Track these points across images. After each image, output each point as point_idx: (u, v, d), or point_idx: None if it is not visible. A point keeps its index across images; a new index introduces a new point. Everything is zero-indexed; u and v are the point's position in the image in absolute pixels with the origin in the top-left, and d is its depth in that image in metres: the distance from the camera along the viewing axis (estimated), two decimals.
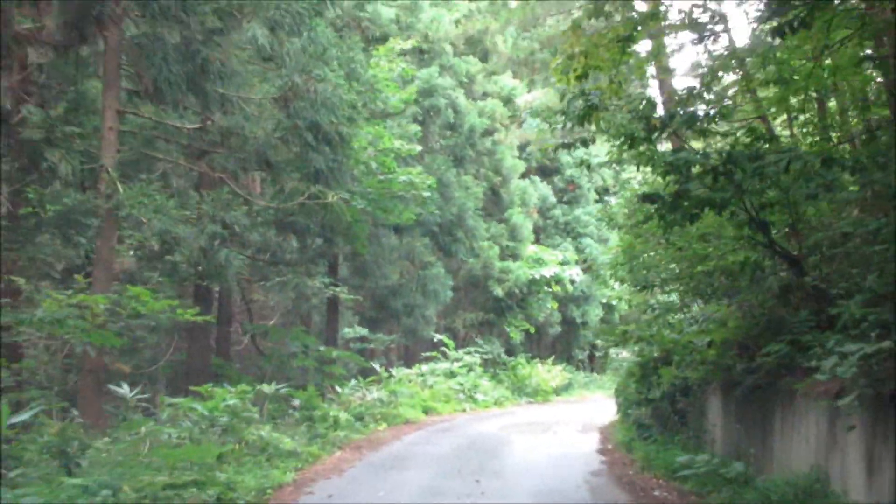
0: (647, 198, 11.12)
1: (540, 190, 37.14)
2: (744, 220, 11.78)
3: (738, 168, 10.61)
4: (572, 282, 34.35)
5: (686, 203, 10.74)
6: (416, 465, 14.53)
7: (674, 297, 20.67)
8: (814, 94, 13.31)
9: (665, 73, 16.35)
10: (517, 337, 35.14)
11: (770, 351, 10.36)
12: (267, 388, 16.04)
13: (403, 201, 19.02)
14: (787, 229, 12.40)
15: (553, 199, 38.49)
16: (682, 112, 11.18)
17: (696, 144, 13.74)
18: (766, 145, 11.33)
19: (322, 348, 20.02)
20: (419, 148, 19.19)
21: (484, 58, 33.13)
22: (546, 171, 38.98)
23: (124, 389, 11.80)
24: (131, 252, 18.92)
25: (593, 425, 23.07)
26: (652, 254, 18.64)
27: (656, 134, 11.50)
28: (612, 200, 42.36)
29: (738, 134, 12.15)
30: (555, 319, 37.50)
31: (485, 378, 30.75)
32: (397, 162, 19.26)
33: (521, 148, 36.51)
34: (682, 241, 15.86)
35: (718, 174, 10.87)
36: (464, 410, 27.06)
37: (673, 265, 17.83)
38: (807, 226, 12.24)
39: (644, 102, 11.25)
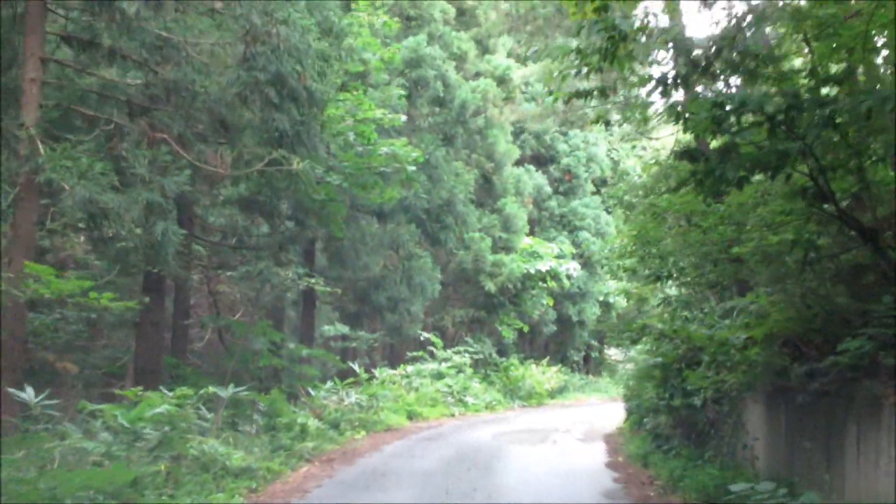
0: (685, 155, 8.82)
1: (535, 179, 34.82)
2: (799, 185, 9.51)
3: (802, 116, 8.36)
4: (569, 277, 32.06)
5: (734, 161, 8.47)
6: (396, 483, 12.20)
7: (683, 290, 18.54)
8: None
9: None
10: (510, 336, 32.85)
11: (847, 348, 8.08)
12: (223, 392, 13.68)
13: (385, 178, 16.67)
14: (849, 199, 10.15)
15: (548, 190, 36.19)
16: (731, 46, 8.86)
17: None
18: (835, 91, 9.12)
19: (292, 346, 17.65)
20: (404, 118, 16.83)
21: (476, 37, 30.83)
22: (541, 160, 36.68)
23: (27, 394, 9.43)
24: (82, 238, 16.57)
25: (596, 433, 20.79)
26: (668, 241, 16.38)
27: (696, 75, 9.24)
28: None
29: (797, 78, 9.81)
30: (549, 318, 35.21)
31: (475, 380, 28.46)
32: (379, 134, 16.92)
33: (516, 135, 34.23)
34: (710, 220, 13.60)
35: (777, 124, 8.62)
36: (452, 415, 24.75)
37: (693, 251, 15.61)
38: (875, 195, 9.97)
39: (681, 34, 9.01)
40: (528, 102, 36.15)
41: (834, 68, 10.28)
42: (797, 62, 12.43)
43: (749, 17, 9.13)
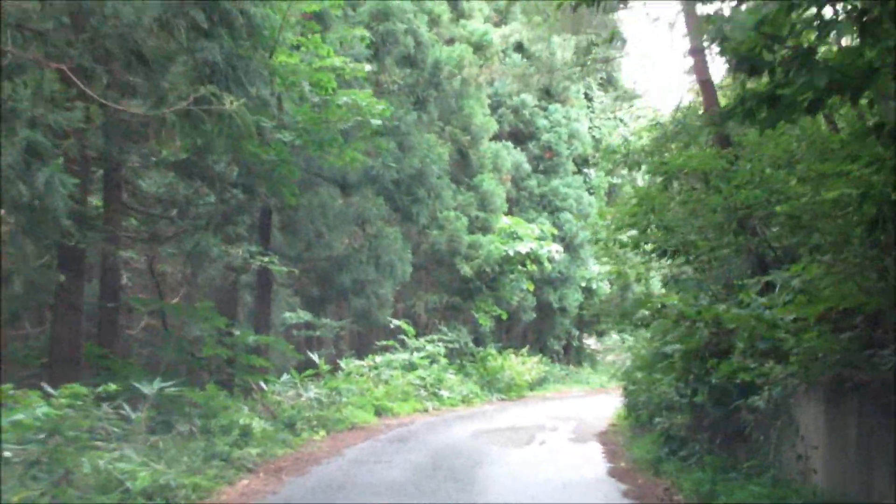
0: (744, 64, 6.45)
1: (513, 156, 32.44)
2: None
3: None
4: (551, 260, 29.75)
5: (817, 69, 6.14)
6: (355, 500, 9.83)
7: (689, 267, 16.37)
8: None
9: None
10: (487, 324, 30.53)
11: None
12: (146, 388, 11.23)
13: (346, 137, 14.21)
14: None
15: (527, 168, 33.83)
16: None
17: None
18: None
19: (238, 332, 15.19)
20: (369, 67, 14.38)
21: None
22: (519, 137, 34.29)
23: None
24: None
25: (588, 431, 18.52)
26: (678, 208, 14.09)
27: None
28: (592, 173, 37.90)
29: None
30: (529, 304, 32.91)
31: (450, 371, 26.12)
32: (340, 86, 14.42)
33: (493, 108, 31.85)
34: (738, 178, 11.36)
35: (867, 27, 6.37)
36: (425, 410, 22.39)
37: (708, 221, 13.38)
38: None
39: None
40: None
41: None
42: None
43: None
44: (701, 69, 14.71)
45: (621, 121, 40.71)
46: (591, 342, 55.33)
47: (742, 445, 10.35)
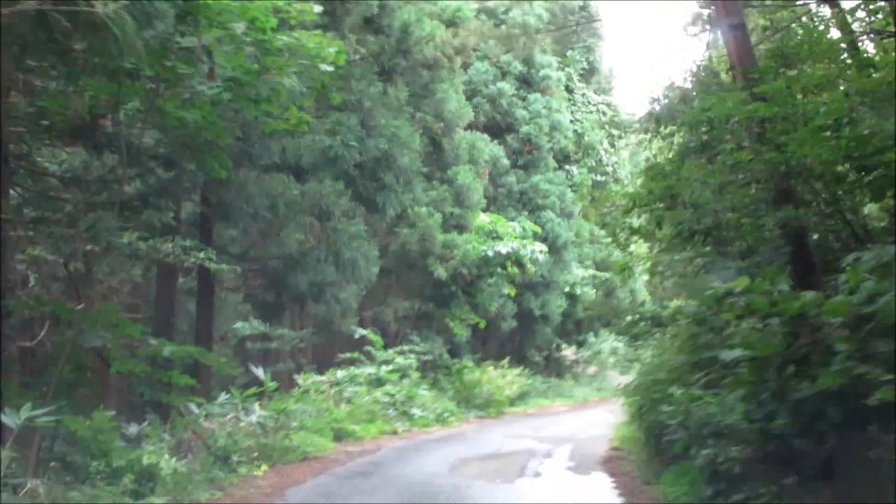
0: None
1: (491, 150, 29.55)
2: None
3: None
4: (534, 261, 26.84)
5: None
6: None
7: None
8: None
9: None
10: (463, 333, 27.58)
11: None
12: (7, 418, 8.16)
13: (292, 94, 11.20)
14: None
15: (506, 163, 31.00)
16: None
17: None
18: None
19: (154, 342, 12.08)
20: (319, 8, 11.38)
21: None
22: (496, 129, 31.42)
23: None
24: None
25: (587, 456, 15.59)
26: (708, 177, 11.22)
27: None
28: (574, 170, 35.09)
29: None
30: (508, 312, 30.01)
31: (423, 386, 23.11)
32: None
33: (468, 97, 28.97)
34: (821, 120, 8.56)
35: None
36: (394, 432, 19.39)
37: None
38: None
39: None
40: (481, 61, 31.07)
41: None
42: None
43: None
44: (732, 9, 11.90)
45: (604, 114, 38.03)
46: (568, 353, 52.57)
47: (827, 487, 7.46)
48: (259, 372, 14.45)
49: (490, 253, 25.18)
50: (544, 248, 26.71)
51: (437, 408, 22.77)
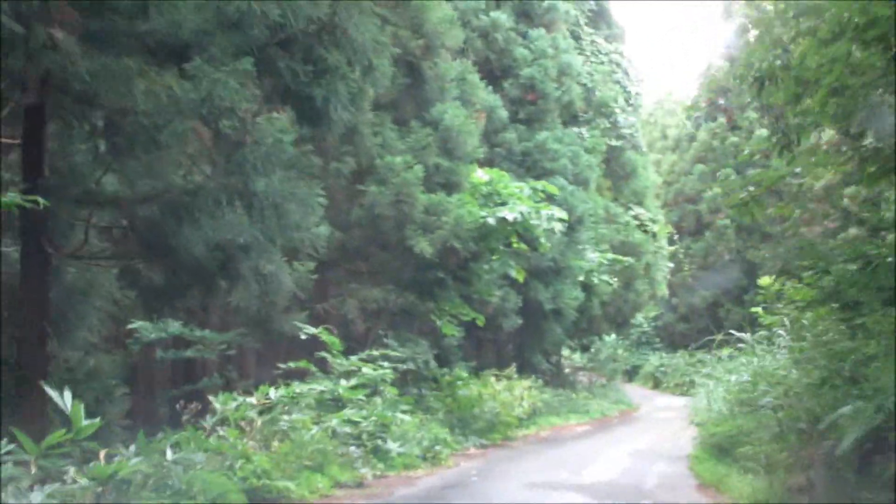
0: None
1: (485, 97, 22.57)
2: None
3: None
4: (550, 234, 19.88)
5: None
6: None
7: None
8: None
9: None
10: (453, 334, 20.69)
11: None
12: None
13: None
14: None
15: (504, 114, 24.09)
16: None
17: None
18: None
19: None
20: None
21: None
22: (491, 72, 24.46)
23: None
24: None
25: None
26: None
27: None
28: (584, 133, 28.19)
29: None
30: (511, 305, 23.15)
31: (403, 407, 16.15)
32: None
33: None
34: None
35: None
36: (359, 484, 12.46)
37: None
38: None
39: None
40: None
41: None
42: None
43: None
44: None
45: (617, 65, 31.26)
46: (569, 361, 45.96)
47: None
48: (62, 401, 7.31)
49: (491, 220, 18.23)
50: (564, 214, 19.68)
51: (423, 438, 15.86)
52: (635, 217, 30.25)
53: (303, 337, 15.20)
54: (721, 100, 40.47)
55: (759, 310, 17.85)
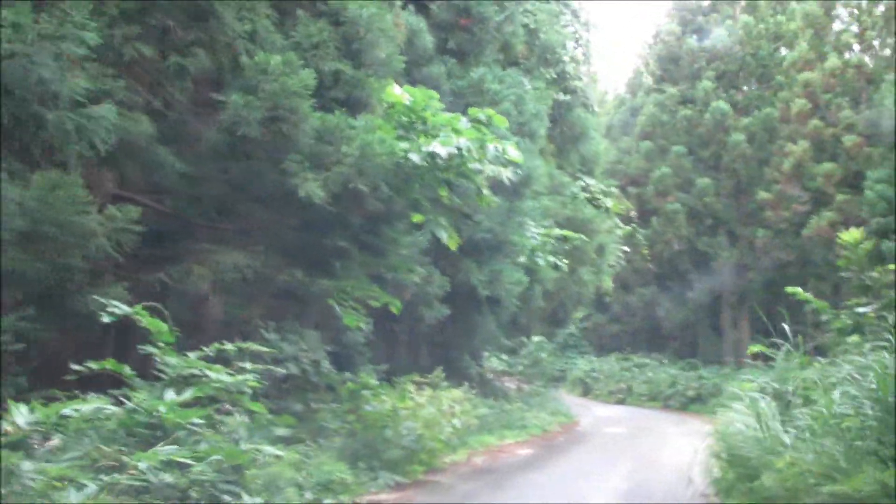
0: None
1: (404, 18, 16.78)
2: None
3: None
4: (495, 181, 14.06)
5: None
6: None
7: None
8: None
9: None
10: (358, 326, 15.01)
11: None
12: None
13: None
14: None
15: (429, 42, 18.33)
16: None
17: None
18: None
19: None
20: None
21: None
22: None
23: None
24: None
25: None
26: None
27: None
28: (526, 83, 22.60)
29: None
30: (436, 289, 17.54)
31: (276, 432, 10.32)
32: None
33: None
34: None
35: None
36: None
37: None
38: None
39: None
40: None
41: None
42: None
43: None
44: None
45: (565, 4, 25.90)
46: (493, 364, 40.72)
47: None
48: None
49: (414, 157, 12.41)
50: (517, 154, 13.85)
51: (306, 482, 10.04)
52: (585, 188, 24.90)
53: (105, 320, 9.19)
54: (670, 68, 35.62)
55: (797, 289, 12.56)
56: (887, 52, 28.55)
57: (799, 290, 11.70)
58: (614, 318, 45.53)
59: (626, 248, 30.05)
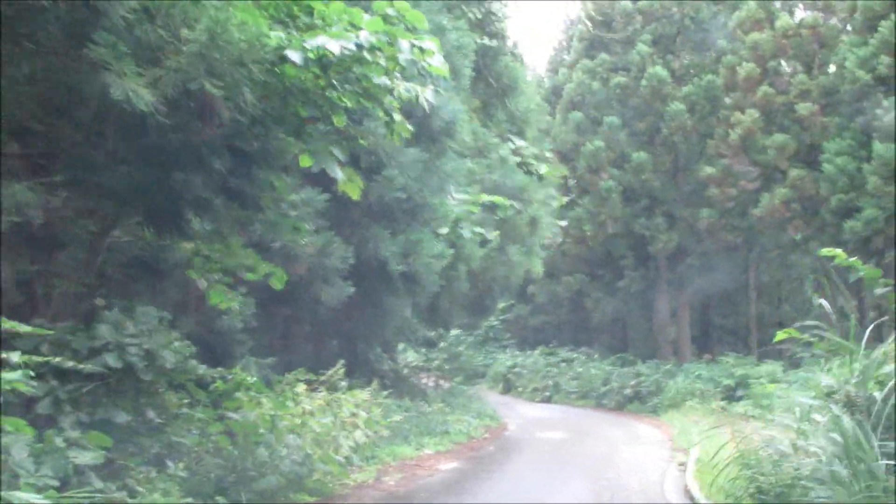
0: None
1: None
2: None
3: None
4: (411, 105, 10.41)
5: None
6: None
7: None
8: None
9: None
10: (228, 305, 11.16)
11: None
12: None
13: None
14: None
15: None
16: None
17: None
18: None
19: None
20: None
21: None
22: None
23: None
24: None
25: None
26: None
27: None
28: (445, 22, 18.85)
29: None
30: (336, 262, 13.76)
31: (67, 462, 6.36)
32: None
33: None
34: None
35: None
36: None
37: None
38: None
39: None
40: None
41: None
42: None
43: None
44: None
45: None
46: (409, 358, 37.57)
47: None
48: None
49: (294, 56, 8.52)
50: (441, 63, 10.10)
51: None
52: (515, 151, 21.32)
53: None
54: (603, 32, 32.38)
55: (835, 251, 9.05)
56: (842, 9, 25.71)
57: (839, 251, 8.21)
58: (539, 309, 42.23)
59: (564, 223, 26.62)
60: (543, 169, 21.82)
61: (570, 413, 28.55)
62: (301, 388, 11.61)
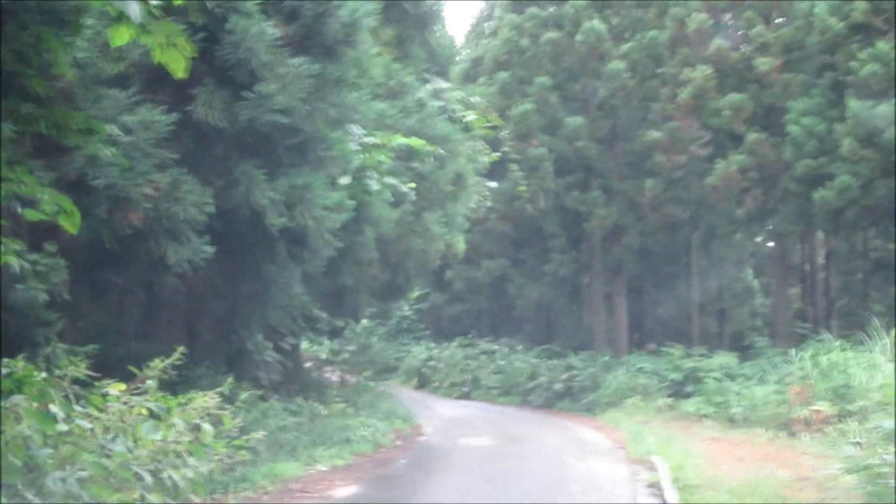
0: None
1: None
2: None
3: None
4: None
5: None
6: None
7: None
8: None
9: None
10: (6, 256, 6.93)
11: None
12: None
13: None
14: None
15: None
16: None
17: None
18: None
19: None
20: None
21: None
22: None
23: None
24: None
25: None
26: None
27: None
28: None
29: None
30: (190, 210, 9.62)
31: None
32: None
33: None
34: None
35: None
36: None
37: None
38: None
39: None
40: None
41: None
42: None
43: None
44: None
45: None
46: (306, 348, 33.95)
47: None
48: None
49: None
50: None
51: None
52: (437, 94, 17.45)
53: None
54: None
55: None
56: None
57: None
58: (456, 297, 38.55)
59: (494, 184, 22.78)
60: (471, 116, 18.01)
61: (493, 412, 24.99)
62: (119, 388, 7.48)
